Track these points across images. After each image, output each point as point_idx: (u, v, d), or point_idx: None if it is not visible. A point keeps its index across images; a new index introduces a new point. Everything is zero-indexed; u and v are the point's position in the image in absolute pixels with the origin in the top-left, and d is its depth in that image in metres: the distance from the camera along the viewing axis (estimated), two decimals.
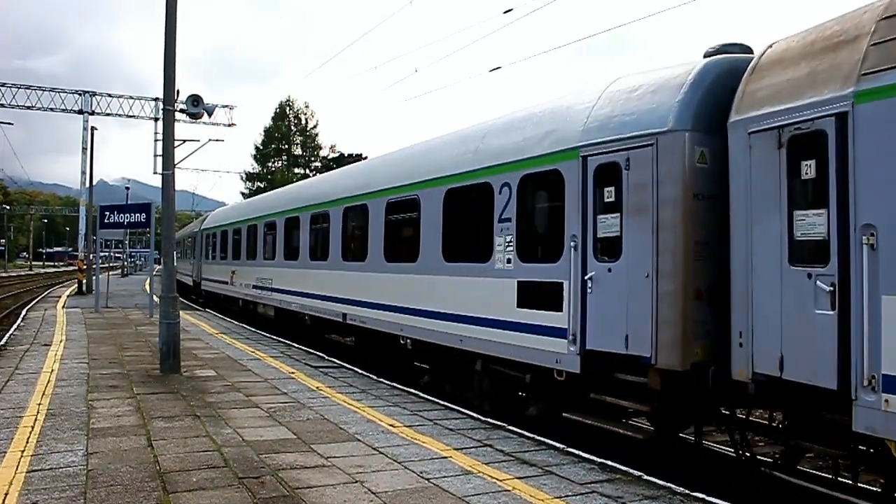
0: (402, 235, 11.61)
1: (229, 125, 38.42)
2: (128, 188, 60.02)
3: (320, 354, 14.00)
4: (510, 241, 8.56)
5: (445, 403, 9.28)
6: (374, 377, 11.34)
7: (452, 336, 9.65)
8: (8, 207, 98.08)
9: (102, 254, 41.78)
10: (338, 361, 13.03)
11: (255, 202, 23.83)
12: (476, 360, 9.40)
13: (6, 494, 5.30)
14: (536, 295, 8.07)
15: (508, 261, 8.58)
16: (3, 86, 34.72)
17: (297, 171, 71.47)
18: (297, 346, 15.33)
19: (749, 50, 7.27)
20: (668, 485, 5.95)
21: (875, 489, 6.29)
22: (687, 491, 5.78)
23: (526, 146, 8.54)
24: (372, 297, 12.16)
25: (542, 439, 7.46)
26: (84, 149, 33.87)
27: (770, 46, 6.41)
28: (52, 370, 11.22)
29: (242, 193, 69.16)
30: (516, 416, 8.58)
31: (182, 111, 13.52)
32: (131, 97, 36.03)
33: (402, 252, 11.38)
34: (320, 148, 74.68)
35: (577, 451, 6.99)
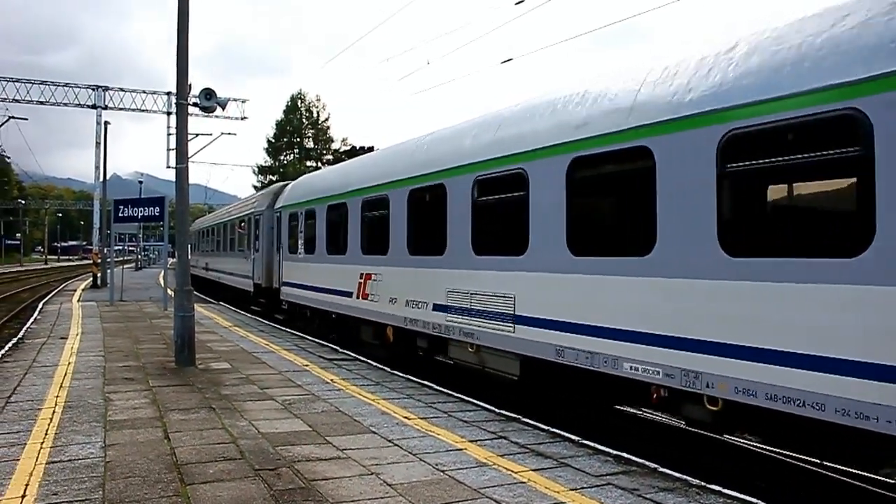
0: None
1: (241, 119, 38.60)
2: (141, 182, 60.75)
3: (334, 347, 14.03)
4: None
5: (460, 396, 9.28)
6: (388, 369, 11.36)
7: None
8: (23, 202, 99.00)
9: (117, 247, 42.14)
10: (352, 354, 13.06)
11: (428, 145, 11.50)
12: None
13: (27, 485, 5.36)
14: None
15: None
16: (17, 81, 35.01)
17: (308, 164, 71.72)
18: (310, 338, 15.37)
19: None
20: (685, 477, 5.92)
21: None
22: (703, 483, 5.75)
23: None
24: None
25: (558, 431, 7.44)
26: (97, 143, 34.10)
27: None
28: (69, 363, 11.33)
29: (255, 187, 69.51)
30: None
31: (195, 105, 13.55)
32: (144, 91, 36.21)
33: None
34: (332, 141, 74.98)
35: (592, 444, 6.97)
